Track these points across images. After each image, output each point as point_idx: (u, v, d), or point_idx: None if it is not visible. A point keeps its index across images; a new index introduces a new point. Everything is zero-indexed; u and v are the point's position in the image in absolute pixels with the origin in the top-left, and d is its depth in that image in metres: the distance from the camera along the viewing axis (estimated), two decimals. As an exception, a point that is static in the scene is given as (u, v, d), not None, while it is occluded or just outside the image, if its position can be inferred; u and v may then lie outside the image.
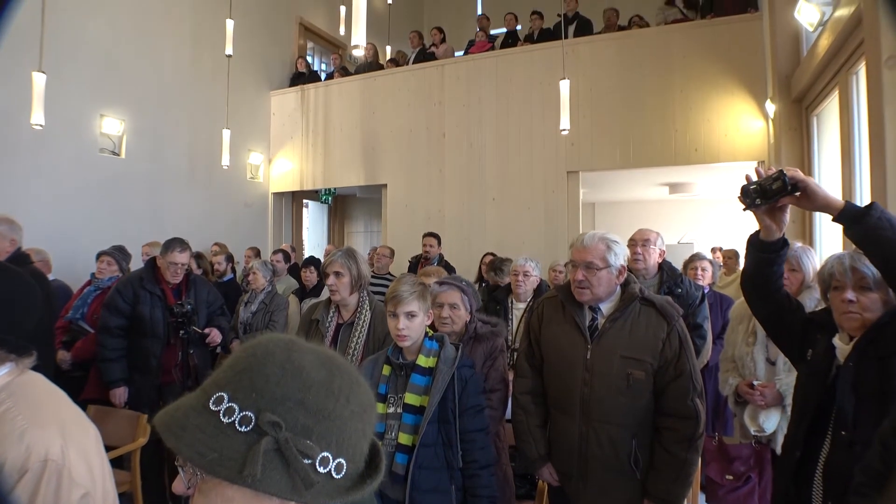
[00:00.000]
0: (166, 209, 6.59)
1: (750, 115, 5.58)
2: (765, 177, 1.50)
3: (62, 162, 5.50)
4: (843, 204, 1.44)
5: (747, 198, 1.53)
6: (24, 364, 1.10)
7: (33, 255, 3.10)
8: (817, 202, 1.46)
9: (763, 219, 1.57)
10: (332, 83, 8.15)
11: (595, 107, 6.24)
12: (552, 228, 6.40)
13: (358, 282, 2.53)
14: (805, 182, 1.45)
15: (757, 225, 1.61)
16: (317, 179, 8.08)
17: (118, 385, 3.21)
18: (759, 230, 1.63)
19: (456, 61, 7.45)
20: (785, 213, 1.55)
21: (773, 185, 1.46)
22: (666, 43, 6.07)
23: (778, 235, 1.58)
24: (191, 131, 6.97)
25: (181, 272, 3.41)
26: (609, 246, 2.00)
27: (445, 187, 7.09)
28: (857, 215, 1.40)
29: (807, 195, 1.45)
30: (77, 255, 5.00)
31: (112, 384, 3.20)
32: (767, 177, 1.49)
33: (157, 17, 6.62)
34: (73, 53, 5.55)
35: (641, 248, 3.00)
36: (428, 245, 5.70)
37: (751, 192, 1.51)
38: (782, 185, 1.44)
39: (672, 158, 5.95)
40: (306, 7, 9.21)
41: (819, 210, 1.49)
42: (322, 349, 0.69)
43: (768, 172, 1.50)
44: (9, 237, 2.52)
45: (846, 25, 3.04)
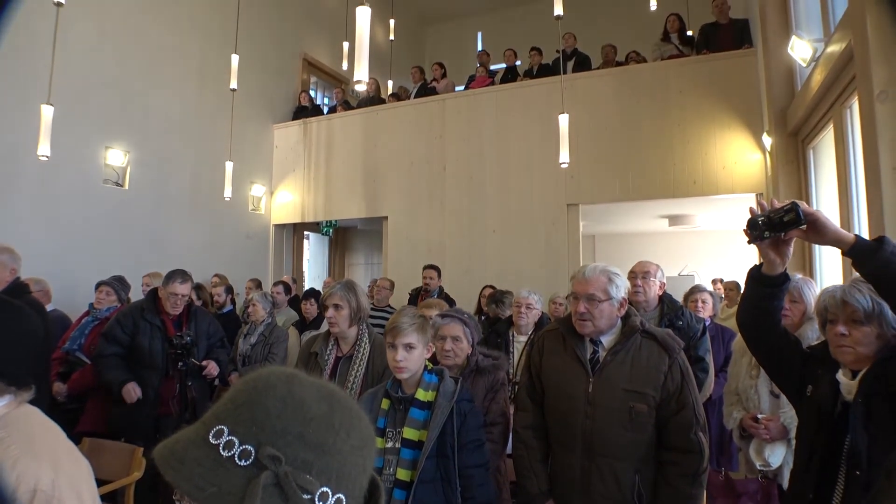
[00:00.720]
0: (168, 240, 6.61)
1: (747, 147, 5.64)
2: (775, 209, 1.46)
3: (66, 192, 5.54)
4: (854, 238, 1.41)
5: (755, 230, 1.49)
6: (22, 397, 1.09)
7: (33, 285, 3.10)
8: (827, 236, 1.43)
9: (768, 252, 1.53)
10: (335, 117, 8.26)
11: (594, 140, 6.31)
12: (552, 261, 6.40)
13: (357, 314, 2.52)
14: (815, 215, 1.42)
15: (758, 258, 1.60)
16: (318, 211, 8.12)
17: (126, 382, 3.15)
18: (761, 263, 1.60)
19: (457, 96, 7.57)
20: (790, 246, 1.53)
21: (784, 217, 1.43)
22: (663, 78, 6.18)
23: (781, 269, 1.56)
24: (194, 163, 7.04)
25: (182, 303, 3.40)
26: (610, 278, 2.00)
27: (446, 219, 7.12)
28: (869, 250, 1.37)
29: (816, 229, 1.43)
30: (77, 284, 5.00)
31: (120, 384, 3.15)
32: (778, 209, 1.46)
33: (165, 52, 6.75)
34: (81, 86, 5.64)
35: (641, 280, 3.00)
36: (428, 277, 5.70)
37: (759, 225, 1.48)
38: (796, 217, 1.41)
39: (671, 191, 5.99)
40: (310, 43, 9.40)
41: (829, 244, 1.46)
42: (323, 383, 0.69)
43: (778, 204, 1.47)
44: (9, 267, 2.52)
45: (838, 61, 3.10)
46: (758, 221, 1.48)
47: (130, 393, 3.16)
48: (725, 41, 6.05)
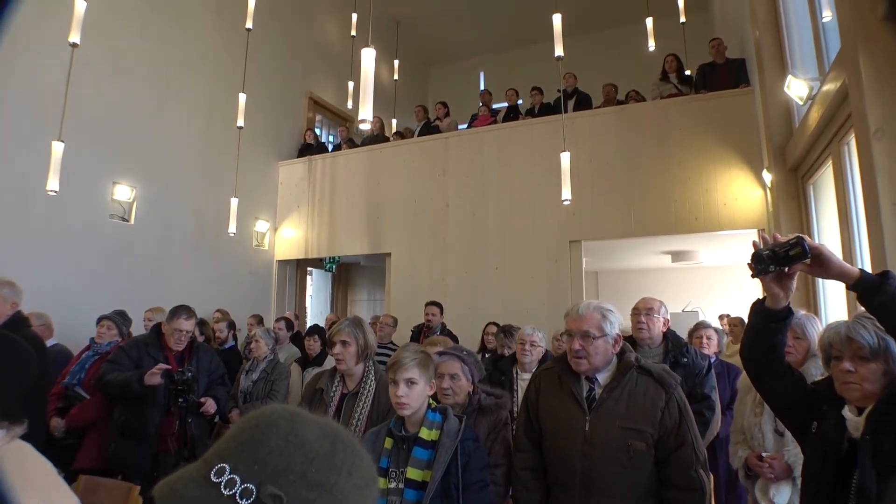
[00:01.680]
0: (171, 275, 6.63)
1: (748, 184, 5.69)
2: (781, 243, 1.47)
3: (72, 227, 5.58)
4: (859, 273, 1.42)
5: (760, 264, 1.49)
6: (15, 432, 1.09)
7: (34, 320, 3.10)
8: (832, 270, 1.43)
9: (771, 286, 1.53)
10: (339, 154, 8.36)
11: (595, 177, 6.37)
12: (555, 298, 6.38)
13: (364, 351, 2.51)
14: (819, 249, 1.43)
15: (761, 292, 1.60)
16: (321, 248, 8.15)
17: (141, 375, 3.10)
18: (764, 297, 1.60)
19: (459, 134, 7.67)
20: (793, 280, 1.52)
21: (790, 251, 1.43)
22: (663, 116, 6.27)
23: (784, 303, 1.55)
24: (199, 199, 7.11)
25: (185, 339, 3.40)
26: (604, 314, 2.00)
27: (449, 256, 7.14)
28: (874, 284, 1.38)
29: (821, 263, 1.43)
30: (80, 318, 4.99)
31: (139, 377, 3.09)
32: (784, 242, 1.46)
33: (174, 90, 6.89)
34: (91, 122, 5.73)
35: (645, 317, 2.98)
36: (430, 314, 5.69)
37: (764, 258, 1.48)
38: (801, 251, 1.42)
39: (673, 227, 6.02)
40: (316, 82, 9.60)
41: (833, 278, 1.46)
42: (326, 421, 0.69)
43: (782, 239, 1.47)
44: (10, 300, 2.53)
45: (834, 99, 3.15)
46: (763, 255, 1.48)
47: (156, 373, 3.08)
48: (723, 80, 6.16)
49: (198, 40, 7.27)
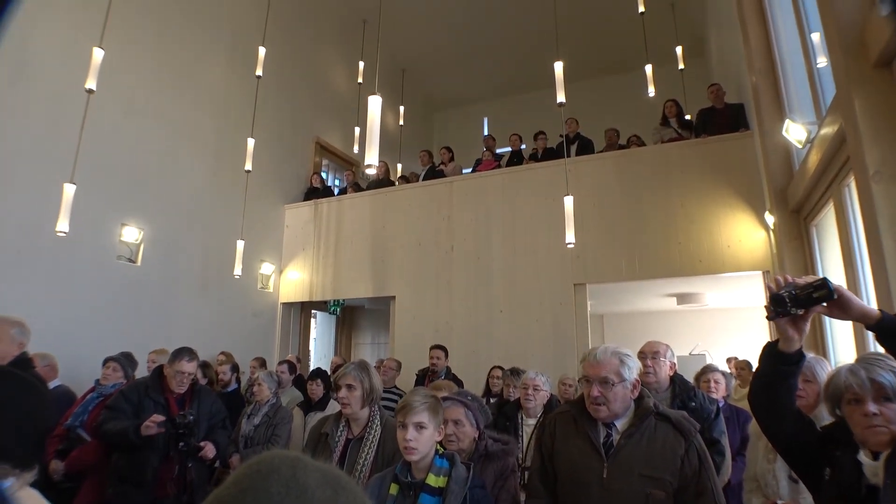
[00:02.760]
0: (176, 316, 6.63)
1: (750, 226, 5.71)
2: (803, 284, 1.45)
3: (80, 268, 5.61)
4: (880, 314, 1.40)
5: (780, 306, 1.46)
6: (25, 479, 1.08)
7: (39, 360, 3.08)
8: (852, 311, 1.42)
9: (787, 329, 1.51)
10: (345, 198, 8.45)
11: (599, 221, 6.41)
12: (561, 341, 6.33)
13: (370, 396, 2.49)
14: (840, 290, 1.41)
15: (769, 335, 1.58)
16: (326, 290, 8.16)
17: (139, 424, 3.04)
18: (776, 340, 1.57)
19: (464, 178, 7.76)
20: (807, 322, 1.51)
21: (814, 293, 1.42)
22: (664, 160, 6.35)
23: (798, 346, 1.53)
24: (206, 241, 7.17)
25: (187, 382, 3.36)
26: (622, 360, 1.98)
27: (453, 300, 7.13)
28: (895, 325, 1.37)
29: (841, 304, 1.42)
30: (85, 359, 4.97)
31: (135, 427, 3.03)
32: (807, 284, 1.44)
33: (185, 134, 7.04)
34: (102, 165, 5.83)
35: (651, 360, 2.95)
36: (435, 357, 5.64)
37: (785, 301, 1.46)
38: (827, 293, 1.40)
39: (677, 270, 6.01)
40: (323, 127, 9.81)
41: (854, 319, 1.44)
42: (329, 468, 0.68)
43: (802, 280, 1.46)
44: (17, 340, 2.53)
45: (832, 143, 3.20)
46: (783, 297, 1.46)
47: (151, 426, 3.02)
48: (722, 125, 6.27)
49: (209, 87, 7.48)
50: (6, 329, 2.53)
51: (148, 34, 6.59)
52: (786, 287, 1.48)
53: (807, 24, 4.04)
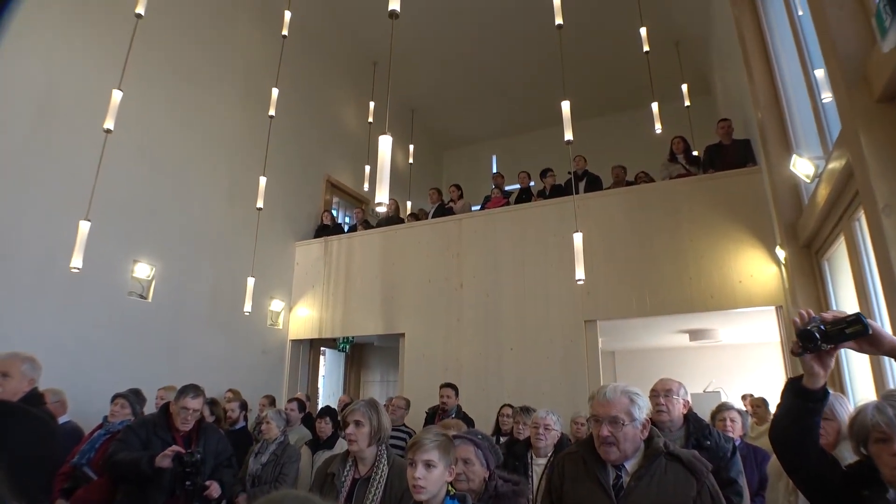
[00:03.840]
0: (186, 353, 6.63)
1: (761, 260, 5.67)
2: (835, 320, 1.42)
3: (92, 303, 5.65)
4: None
5: (810, 342, 1.43)
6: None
7: (50, 396, 3.08)
8: (883, 346, 1.39)
9: (812, 365, 1.48)
10: (355, 235, 8.50)
11: (609, 257, 6.39)
12: (571, 378, 6.24)
13: (377, 434, 2.46)
14: (873, 326, 1.39)
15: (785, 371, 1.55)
16: (335, 328, 8.14)
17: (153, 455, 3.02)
18: (800, 376, 1.53)
19: (473, 215, 7.80)
20: (833, 358, 1.48)
21: (847, 328, 1.39)
22: (672, 196, 6.37)
23: (822, 383, 1.49)
24: (216, 278, 7.21)
25: (192, 419, 3.34)
26: (632, 399, 1.94)
27: (463, 337, 7.08)
28: None
29: (871, 339, 1.39)
30: (94, 395, 4.97)
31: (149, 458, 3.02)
32: (839, 320, 1.42)
33: (198, 173, 7.17)
34: (117, 202, 5.93)
35: (664, 398, 2.88)
36: (445, 396, 5.57)
37: (815, 336, 1.42)
38: (862, 328, 1.37)
39: (689, 306, 5.95)
40: (334, 166, 9.96)
41: (885, 354, 1.42)
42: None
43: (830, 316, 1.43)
44: (28, 377, 2.53)
45: (840, 177, 3.20)
46: (813, 333, 1.43)
47: (166, 458, 3.02)
48: (730, 160, 6.29)
49: (223, 127, 7.64)
50: (17, 365, 2.53)
51: (165, 76, 6.79)
52: (812, 322, 1.45)
53: (809, 60, 4.09)
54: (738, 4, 5.55)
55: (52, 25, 5.54)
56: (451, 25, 9.67)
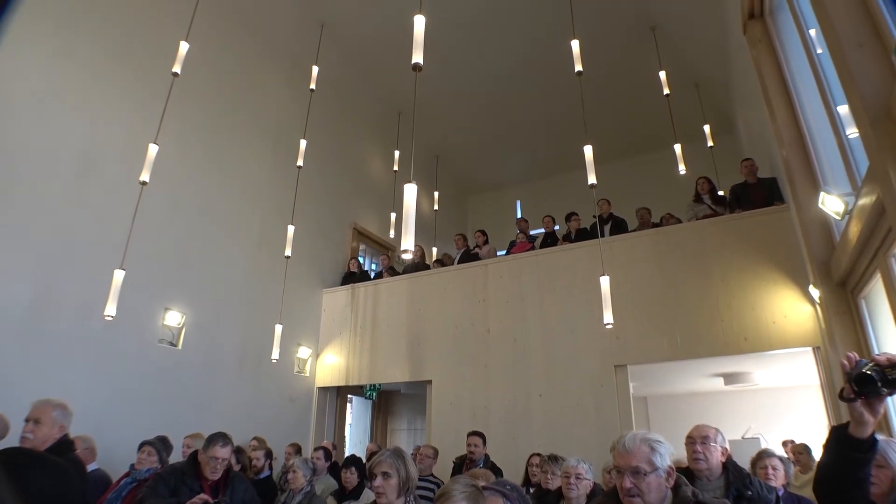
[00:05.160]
0: (213, 400, 6.65)
1: (795, 300, 5.52)
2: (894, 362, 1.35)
3: (124, 351, 5.74)
4: None
5: (867, 386, 1.35)
6: None
7: (79, 443, 3.11)
8: None
9: (862, 412, 1.39)
10: (381, 282, 8.54)
11: (637, 300, 6.30)
12: (603, 426, 6.07)
13: (406, 484, 2.41)
14: None
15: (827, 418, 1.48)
16: (362, 375, 8.10)
17: None
18: (846, 423, 1.44)
19: (499, 260, 7.78)
20: (882, 404, 1.40)
21: None
22: (700, 237, 6.29)
23: (871, 431, 1.41)
24: (245, 325, 7.28)
25: (221, 468, 3.33)
26: (653, 447, 1.87)
27: (491, 384, 6.97)
28: None
29: None
30: (122, 442, 4.99)
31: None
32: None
33: (228, 222, 7.36)
34: (150, 252, 6.09)
35: (701, 445, 2.77)
36: (473, 444, 5.45)
37: (874, 380, 1.34)
38: None
39: (722, 348, 5.79)
40: (360, 213, 10.13)
41: None
42: None
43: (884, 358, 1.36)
44: (59, 423, 2.58)
45: (871, 213, 3.13)
46: (872, 377, 1.35)
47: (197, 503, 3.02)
48: (757, 199, 6.22)
49: (253, 177, 7.88)
50: (48, 411, 2.58)
51: (198, 130, 7.08)
52: (858, 366, 1.38)
53: (831, 96, 4.08)
54: (756, 46, 5.61)
55: (93, 83, 5.86)
56: (473, 74, 9.93)
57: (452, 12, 8.43)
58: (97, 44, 5.94)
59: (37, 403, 2.64)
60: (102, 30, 6.02)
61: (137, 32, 6.42)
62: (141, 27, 6.47)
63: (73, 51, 5.69)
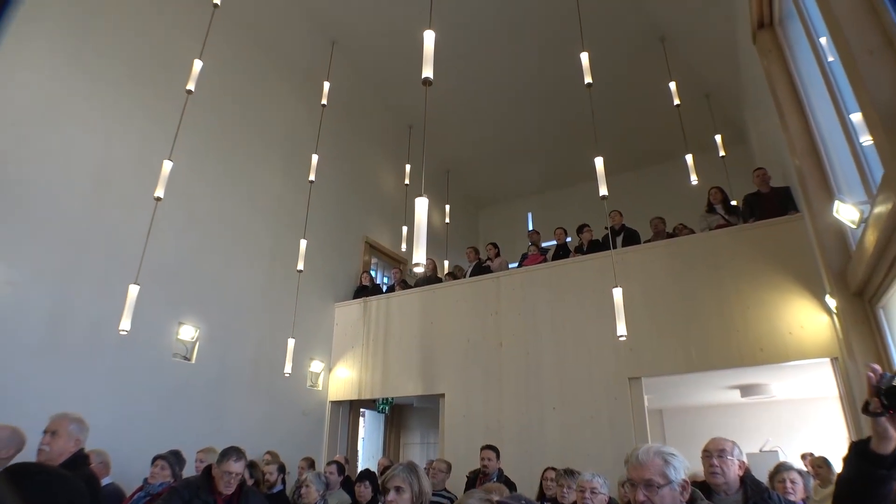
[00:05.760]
0: (227, 414, 6.67)
1: (811, 310, 5.44)
2: None
3: (138, 365, 5.78)
4: None
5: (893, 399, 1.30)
6: None
7: (94, 457, 3.13)
8: None
9: (887, 427, 1.35)
10: (393, 296, 8.55)
11: (651, 311, 6.25)
12: (618, 439, 5.99)
13: (419, 499, 2.39)
14: None
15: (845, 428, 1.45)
16: (375, 388, 8.09)
17: None
18: (867, 438, 1.41)
19: (511, 273, 7.76)
20: None
21: None
22: (713, 247, 6.24)
23: (894, 446, 1.37)
24: (258, 339, 7.32)
25: (235, 482, 3.33)
26: (666, 459, 1.85)
27: (503, 397, 6.93)
28: None
29: None
30: (136, 455, 5.03)
31: None
32: None
33: (242, 237, 7.42)
34: (164, 266, 6.16)
35: (717, 459, 2.73)
36: (486, 458, 5.41)
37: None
38: None
39: (737, 360, 5.71)
40: (372, 227, 10.18)
41: None
42: None
43: None
44: (75, 436, 2.60)
45: (888, 221, 3.09)
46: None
47: None
48: (770, 209, 6.16)
49: (266, 193, 7.96)
50: (66, 425, 2.61)
51: (212, 146, 7.18)
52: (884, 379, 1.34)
53: (844, 105, 4.05)
54: (767, 55, 5.59)
55: (108, 100, 5.98)
56: (484, 88, 9.99)
57: (462, 27, 8.50)
58: (113, 62, 6.06)
59: (55, 416, 2.68)
60: (118, 48, 6.15)
61: (152, 50, 6.55)
62: (155, 45, 6.60)
63: (89, 69, 5.81)
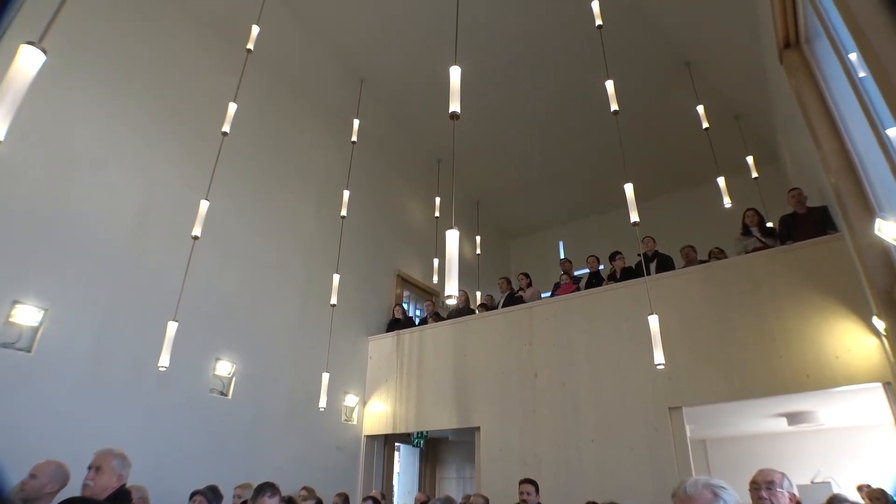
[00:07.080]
0: (262, 450, 6.71)
1: (858, 333, 5.22)
2: None
3: (177, 400, 5.89)
4: None
5: None
6: None
7: (133, 493, 3.16)
8: None
9: None
10: (426, 328, 8.55)
11: (689, 339, 6.10)
12: (659, 471, 5.80)
13: (456, 533, 2.37)
14: None
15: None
16: (409, 422, 8.04)
17: None
18: None
19: (544, 303, 7.70)
20: None
21: None
22: (750, 271, 6.08)
23: None
24: (293, 374, 7.39)
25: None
26: (716, 493, 1.78)
27: (540, 429, 6.80)
28: None
29: None
30: (174, 491, 5.08)
31: None
32: None
33: (276, 273, 7.58)
34: (202, 304, 6.32)
35: (766, 492, 2.62)
36: (525, 493, 5.29)
37: None
38: None
39: (782, 387, 5.50)
40: (403, 260, 10.26)
41: None
42: None
43: None
44: (118, 472, 2.65)
45: (933, 238, 2.99)
46: None
47: None
48: (808, 229, 5.99)
49: (299, 229, 8.14)
50: (109, 460, 2.67)
51: (247, 184, 7.41)
52: None
53: (879, 120, 3.96)
54: (795, 74, 5.53)
55: (147, 144, 6.25)
56: (511, 119, 10.10)
57: (488, 60, 8.66)
58: (151, 106, 6.37)
59: (99, 452, 2.74)
60: (155, 94, 6.46)
61: (190, 94, 6.86)
62: (193, 90, 6.91)
63: (129, 114, 6.10)
